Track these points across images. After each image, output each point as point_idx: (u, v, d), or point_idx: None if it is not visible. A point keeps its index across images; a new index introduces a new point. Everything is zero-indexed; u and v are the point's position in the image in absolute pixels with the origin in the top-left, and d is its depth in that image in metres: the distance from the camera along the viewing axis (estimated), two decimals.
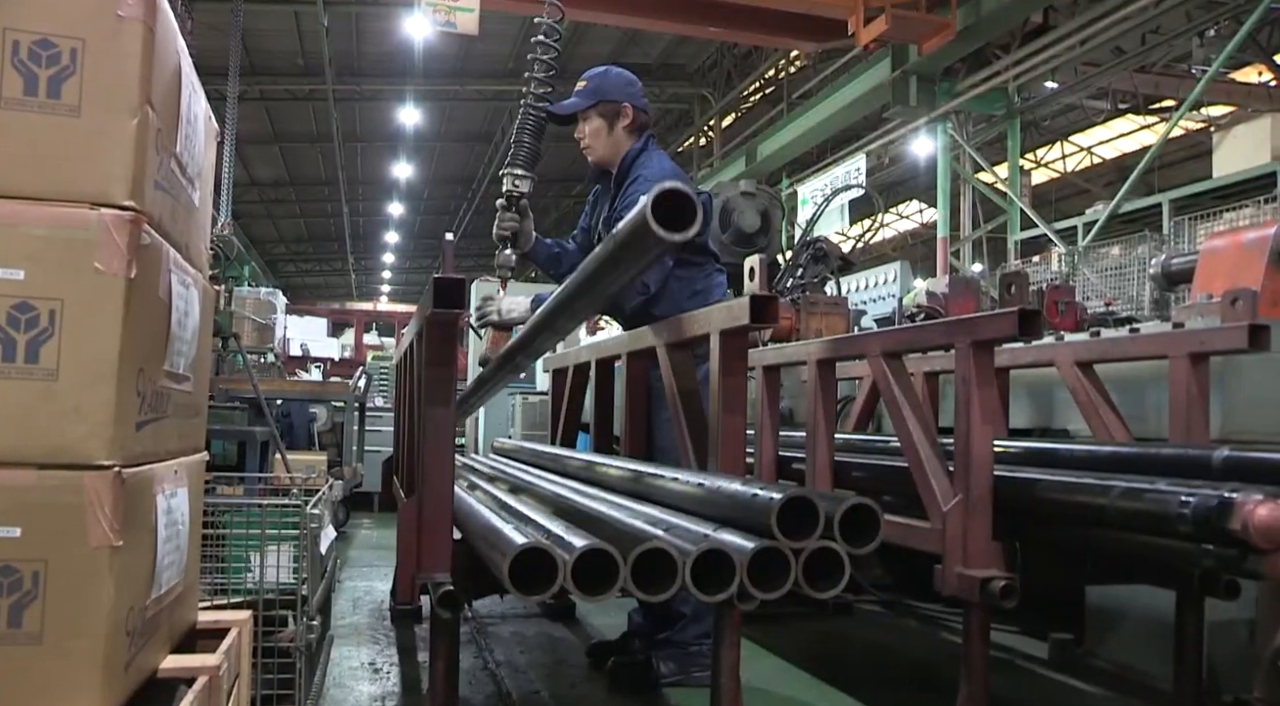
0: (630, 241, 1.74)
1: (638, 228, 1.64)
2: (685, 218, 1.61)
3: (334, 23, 15.05)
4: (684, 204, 1.62)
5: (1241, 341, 2.57)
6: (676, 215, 1.61)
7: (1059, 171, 22.07)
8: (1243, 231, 3.17)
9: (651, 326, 3.04)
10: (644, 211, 1.60)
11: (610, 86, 3.66)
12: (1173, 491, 2.08)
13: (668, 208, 1.61)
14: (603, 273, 2.01)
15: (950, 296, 4.29)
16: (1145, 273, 5.41)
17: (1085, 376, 3.07)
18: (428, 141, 21.68)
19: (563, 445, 4.36)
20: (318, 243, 32.94)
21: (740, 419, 2.46)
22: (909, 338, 2.80)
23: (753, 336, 5.67)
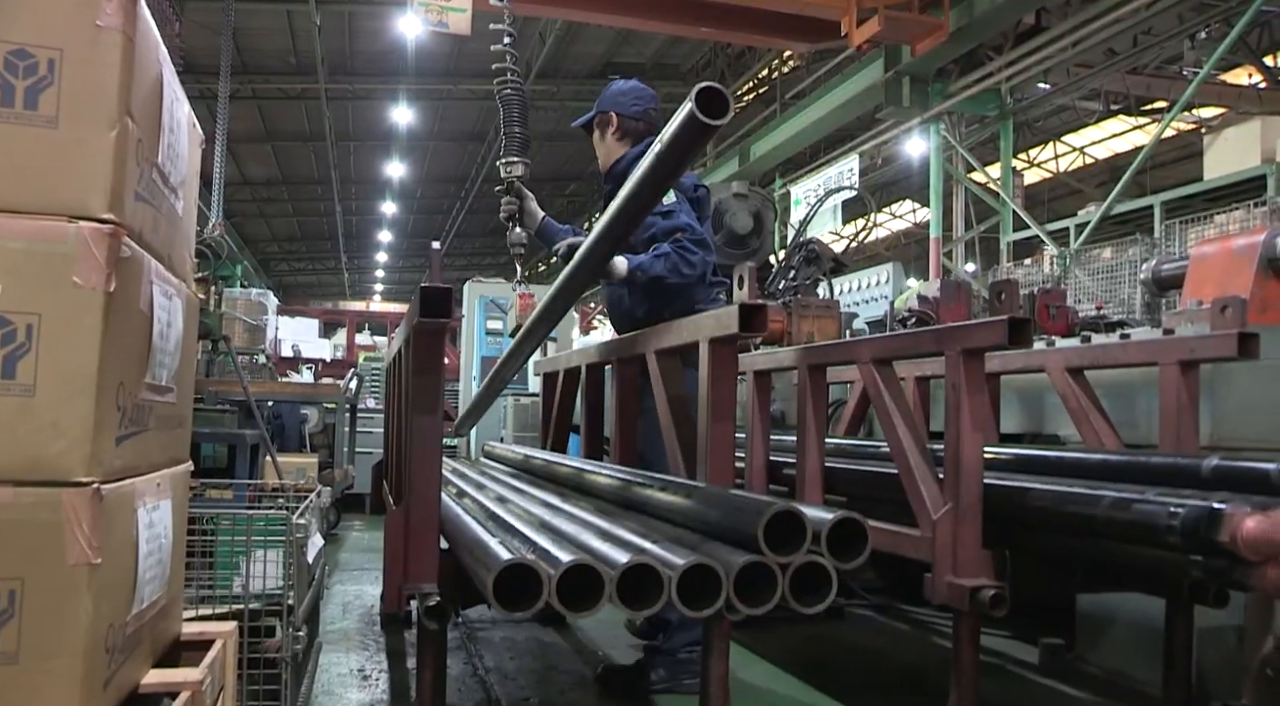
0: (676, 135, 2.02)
1: (684, 120, 1.94)
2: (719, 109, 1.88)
3: (326, 21, 15.02)
4: (719, 98, 1.89)
5: (1231, 349, 2.56)
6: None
7: (1051, 171, 22.11)
8: (1232, 238, 3.17)
9: (641, 333, 3.03)
10: (690, 107, 1.88)
11: (603, 99, 3.88)
12: (1162, 502, 2.07)
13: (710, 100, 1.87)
14: (653, 171, 2.27)
15: (941, 300, 4.28)
16: (1136, 276, 5.41)
17: (1076, 382, 3.07)
18: (420, 140, 21.64)
19: (553, 449, 4.35)
20: (310, 241, 32.87)
21: (729, 426, 2.45)
22: (899, 345, 2.80)
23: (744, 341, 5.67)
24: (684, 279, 3.38)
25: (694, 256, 3.38)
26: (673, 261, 3.36)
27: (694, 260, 3.38)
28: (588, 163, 23.89)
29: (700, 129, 1.90)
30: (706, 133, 1.94)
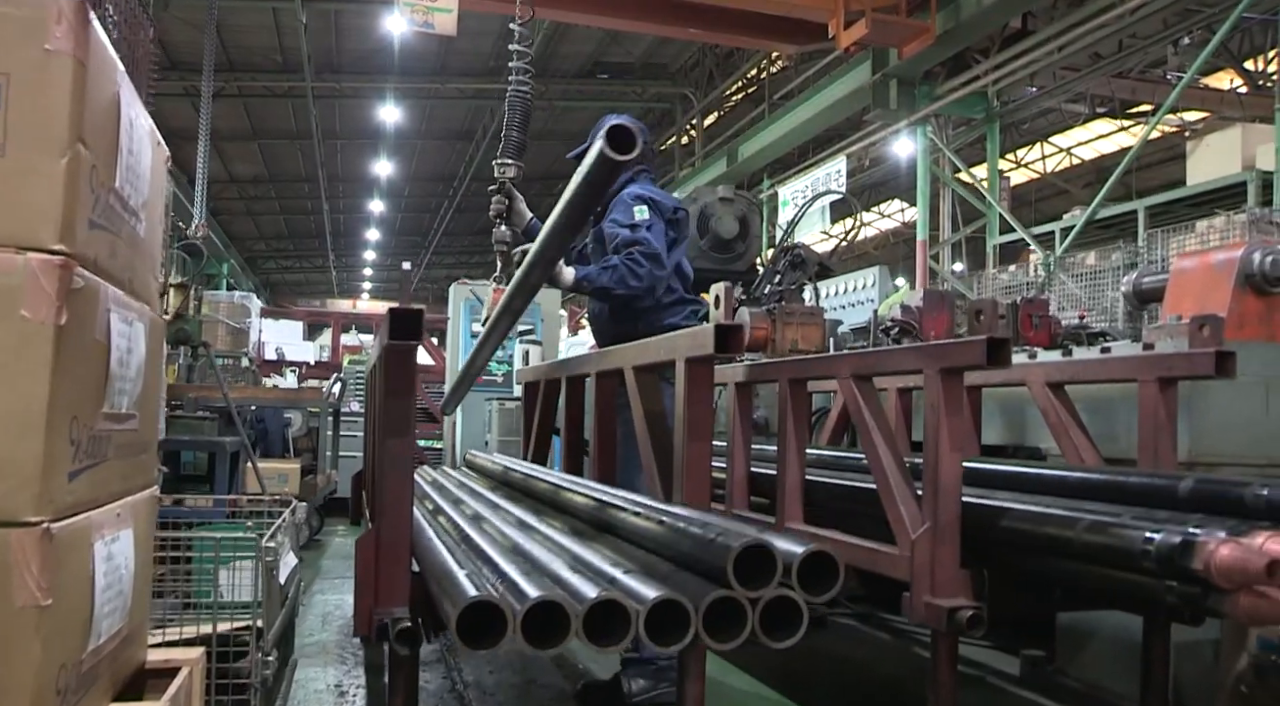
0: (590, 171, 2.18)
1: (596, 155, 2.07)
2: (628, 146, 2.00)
3: (312, 19, 14.94)
4: (628, 136, 2.00)
5: (1209, 368, 2.55)
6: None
7: (1039, 172, 22.17)
8: (1211, 253, 3.17)
9: (620, 348, 3.01)
10: (601, 141, 2.00)
11: (596, 132, 3.91)
12: (1138, 526, 2.06)
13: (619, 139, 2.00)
14: (575, 198, 2.42)
15: (924, 310, 4.26)
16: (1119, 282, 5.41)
17: (1056, 397, 3.05)
18: (408, 139, 21.55)
19: (534, 459, 4.32)
20: (298, 240, 32.73)
21: (705, 446, 2.43)
22: (879, 361, 2.78)
23: None
24: (630, 290, 3.50)
25: (641, 269, 3.49)
26: (619, 273, 3.51)
27: (640, 273, 3.49)
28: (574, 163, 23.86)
29: (611, 165, 2.06)
30: (617, 168, 2.11)
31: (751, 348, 5.43)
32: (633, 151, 2.00)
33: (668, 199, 3.82)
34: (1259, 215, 4.60)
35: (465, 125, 20.83)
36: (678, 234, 3.79)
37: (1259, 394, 3.04)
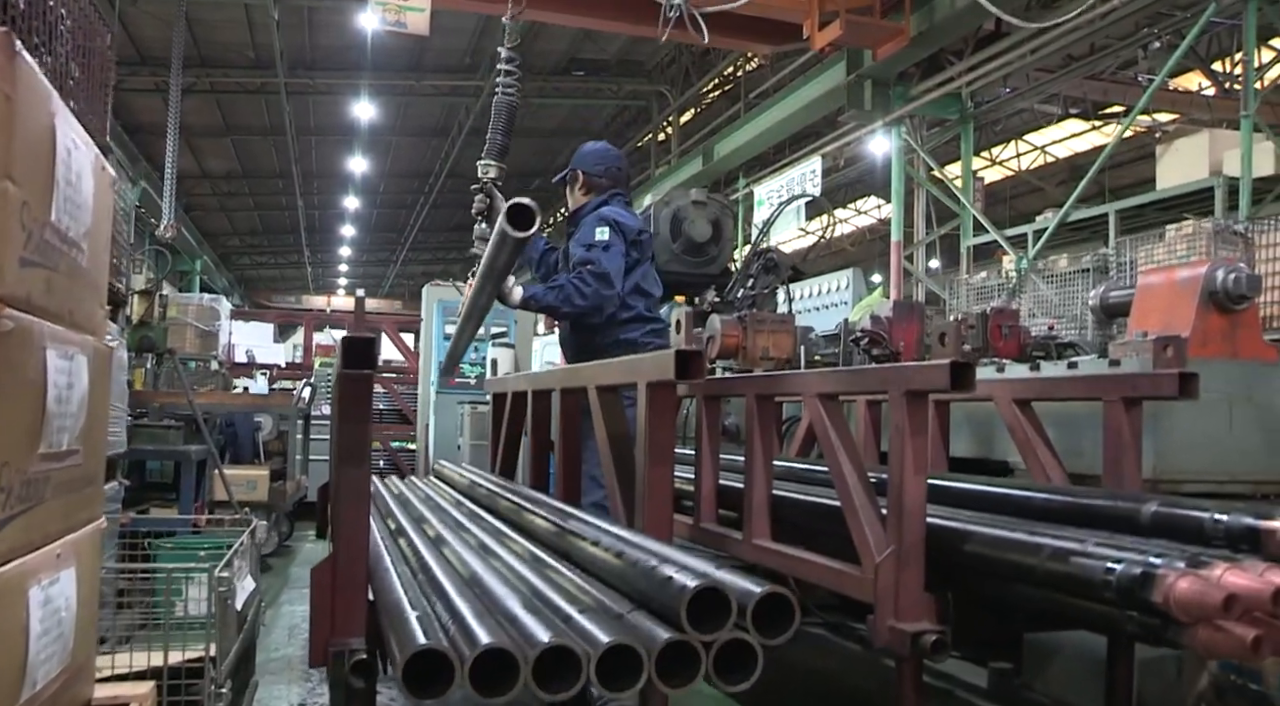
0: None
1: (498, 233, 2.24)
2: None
3: (285, 15, 14.79)
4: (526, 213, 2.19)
5: (1172, 389, 2.55)
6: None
7: (1013, 170, 22.29)
8: (1176, 269, 3.17)
9: (584, 366, 2.98)
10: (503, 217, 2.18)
11: (574, 159, 4.41)
12: (1100, 556, 2.05)
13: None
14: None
15: (894, 320, 4.25)
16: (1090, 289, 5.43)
17: (1023, 414, 3.05)
18: (383, 136, 21.40)
19: (502, 471, 4.29)
20: (272, 235, 32.47)
21: (667, 471, 2.41)
22: (845, 381, 2.76)
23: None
24: (576, 309, 3.72)
25: (587, 289, 3.67)
26: (565, 293, 3.72)
27: (586, 292, 3.68)
28: (552, 158, 23.76)
29: (514, 241, 2.29)
30: (520, 243, 2.32)
31: (723, 355, 5.41)
32: (531, 228, 2.25)
33: (633, 221, 4.01)
34: (1223, 226, 4.62)
35: (441, 122, 20.71)
36: (640, 255, 3.93)
37: (1222, 411, 3.04)
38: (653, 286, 4.04)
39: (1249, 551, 2.03)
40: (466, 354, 9.26)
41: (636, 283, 3.91)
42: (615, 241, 3.78)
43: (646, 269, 4.00)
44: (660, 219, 7.28)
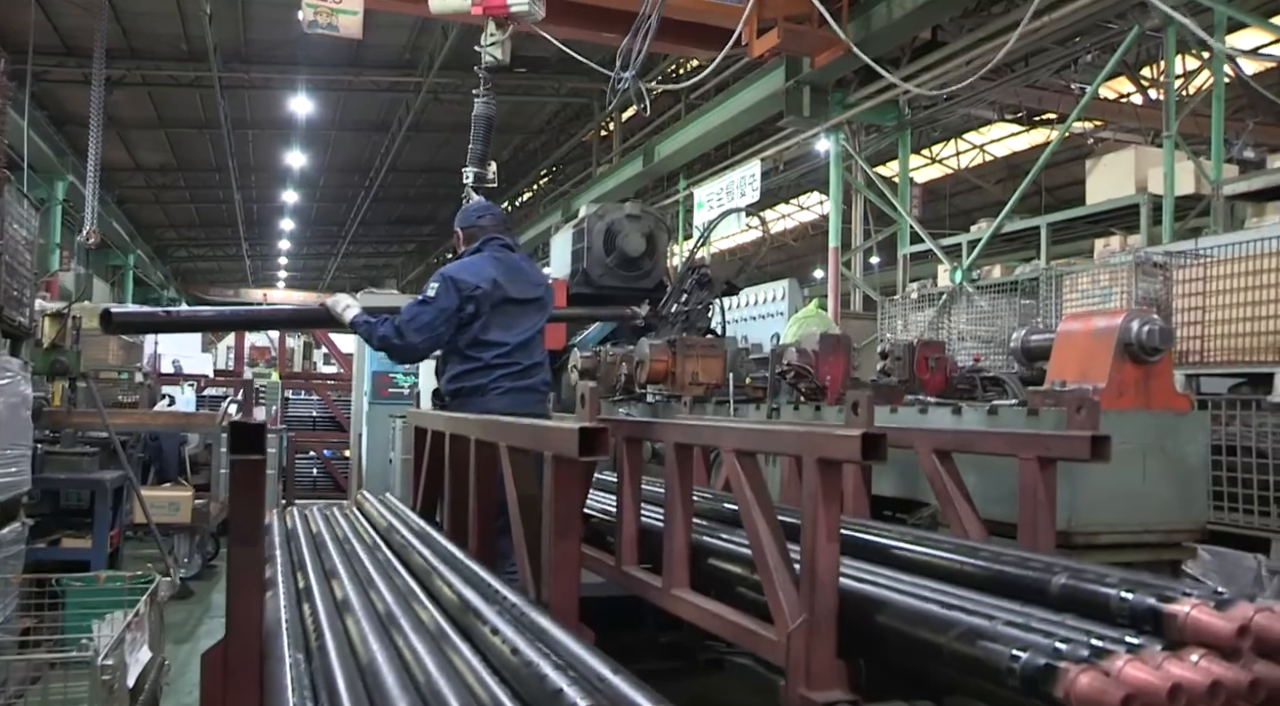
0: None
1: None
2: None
3: (218, 8, 14.43)
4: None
5: (1084, 452, 2.56)
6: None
7: (953, 168, 22.56)
8: (1094, 318, 3.18)
9: (498, 422, 2.91)
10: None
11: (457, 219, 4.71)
12: (1007, 639, 2.04)
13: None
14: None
15: (820, 354, 4.23)
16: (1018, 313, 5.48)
17: (943, 465, 3.04)
18: (322, 130, 21.04)
19: (423, 510, 4.21)
20: (210, 228, 31.84)
21: (573, 546, 2.35)
22: (760, 440, 2.72)
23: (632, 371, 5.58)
24: (374, 347, 4.34)
25: (379, 331, 4.19)
26: (367, 330, 4.24)
27: (376, 335, 4.21)
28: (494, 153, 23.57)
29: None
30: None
31: (652, 380, 5.38)
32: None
33: (476, 277, 4.20)
34: (1144, 258, 4.67)
35: (381, 116, 20.40)
36: (478, 309, 4.19)
37: (1137, 462, 3.07)
38: (502, 335, 4.23)
39: (1152, 633, 2.03)
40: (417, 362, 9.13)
41: (476, 335, 4.19)
42: (442, 296, 4.11)
43: (486, 321, 4.21)
44: (594, 232, 7.23)
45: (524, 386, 4.27)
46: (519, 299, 4.29)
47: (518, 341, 4.27)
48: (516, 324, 4.28)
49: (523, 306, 4.31)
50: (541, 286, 4.46)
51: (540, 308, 4.41)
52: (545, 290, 4.47)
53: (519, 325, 4.29)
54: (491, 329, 4.21)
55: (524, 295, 4.32)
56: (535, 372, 4.33)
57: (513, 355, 4.25)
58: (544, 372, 4.41)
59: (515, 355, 4.26)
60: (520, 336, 4.29)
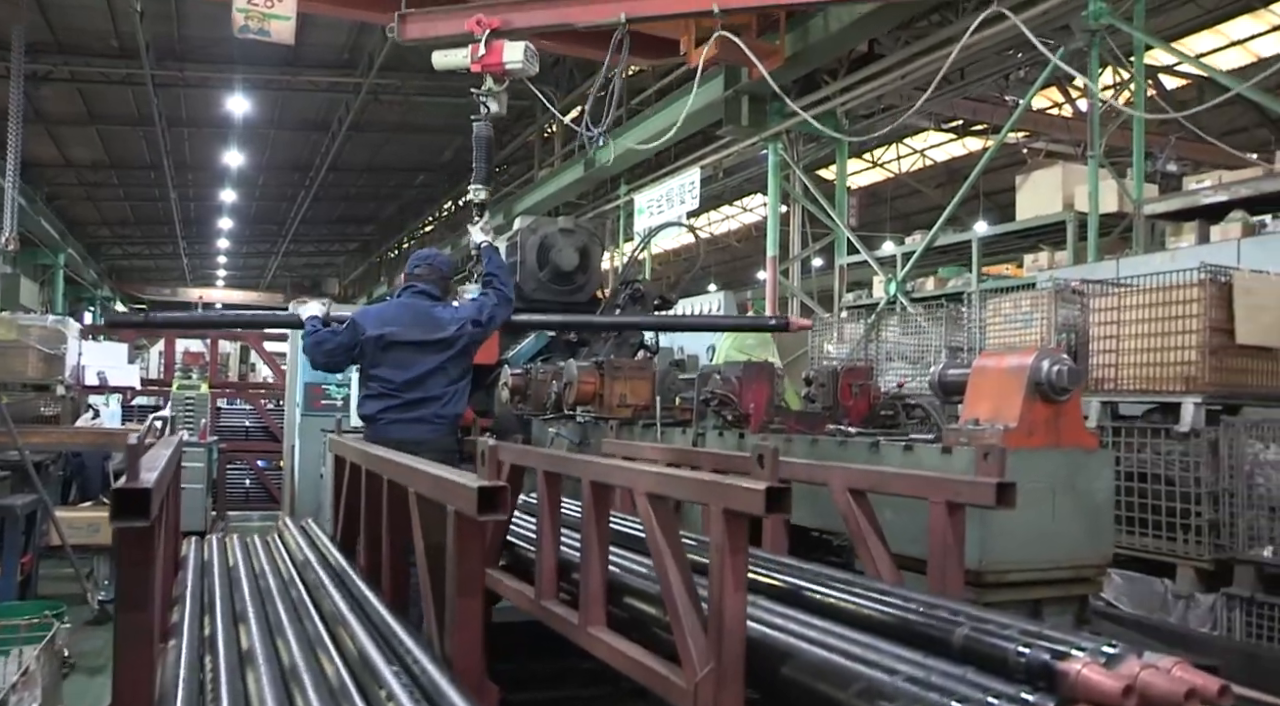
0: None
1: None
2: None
3: (151, 5, 14.11)
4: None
5: (990, 498, 2.58)
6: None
7: (893, 172, 22.84)
8: (1007, 356, 3.22)
9: (407, 465, 2.87)
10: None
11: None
12: (905, 698, 2.06)
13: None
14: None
15: (743, 381, 4.23)
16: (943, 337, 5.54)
17: (857, 504, 3.05)
18: (260, 129, 20.69)
19: (343, 542, 4.16)
20: (146, 226, 31.17)
21: (475, 603, 2.33)
22: (671, 485, 2.71)
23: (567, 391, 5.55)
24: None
25: (310, 338, 4.98)
26: (308, 335, 5.01)
27: (307, 342, 5.00)
28: (436, 154, 23.33)
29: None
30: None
31: (580, 401, 5.35)
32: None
33: (372, 325, 4.82)
34: (1062, 285, 4.75)
35: (321, 116, 20.11)
36: (362, 350, 4.84)
37: (1046, 500, 3.11)
38: (390, 373, 4.80)
39: (1046, 690, 2.05)
40: (335, 374, 9.02)
41: (368, 369, 4.86)
42: (345, 332, 4.86)
43: (375, 361, 4.82)
44: (527, 246, 7.16)
45: (411, 418, 4.75)
46: (416, 341, 4.80)
47: (404, 379, 4.77)
48: (410, 364, 4.78)
49: (419, 347, 4.80)
50: (450, 329, 4.86)
51: (442, 348, 4.83)
52: (455, 331, 4.86)
53: (412, 365, 4.78)
54: (382, 366, 4.80)
55: (423, 338, 4.81)
56: (424, 406, 4.77)
57: (400, 391, 4.77)
58: (439, 406, 4.81)
59: (402, 391, 4.77)
60: (409, 374, 4.78)
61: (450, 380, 4.84)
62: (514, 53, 6.03)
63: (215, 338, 11.52)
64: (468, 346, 4.93)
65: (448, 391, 4.83)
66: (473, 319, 4.93)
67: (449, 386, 4.84)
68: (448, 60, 6.29)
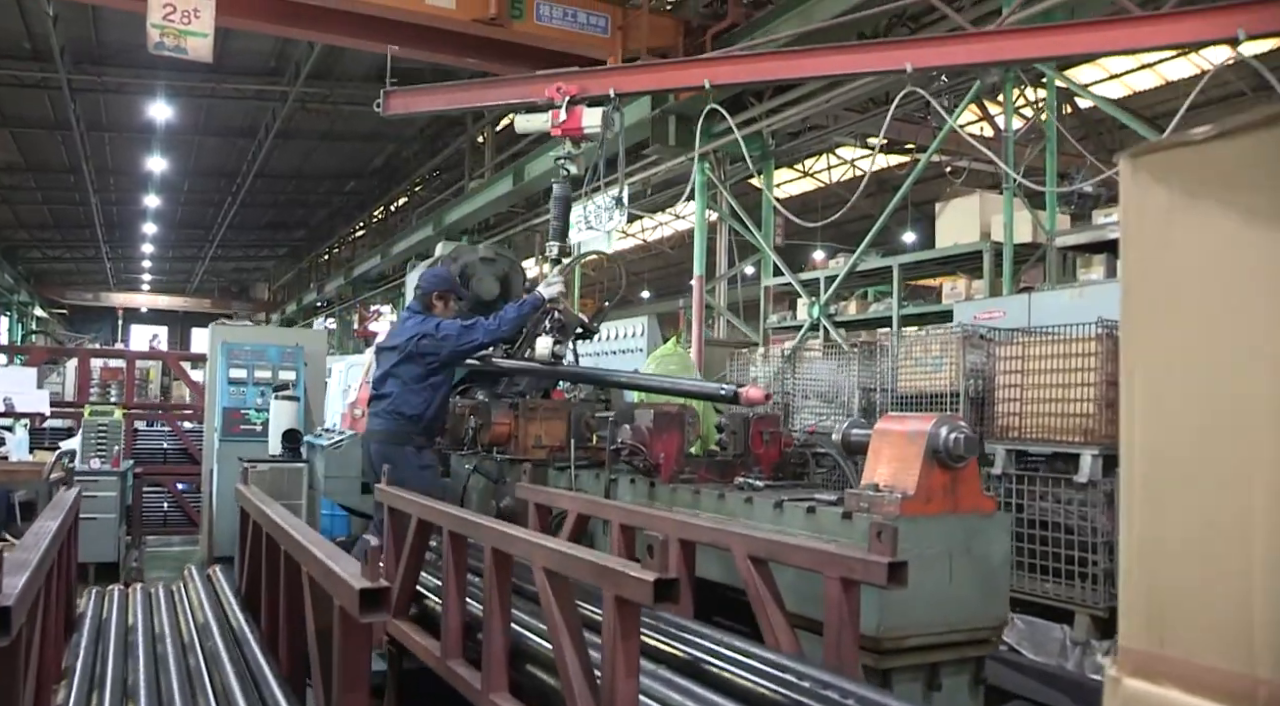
0: None
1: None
2: None
3: (64, 9, 13.71)
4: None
5: (882, 578, 2.61)
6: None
7: (824, 182, 23.06)
8: (907, 420, 3.26)
9: (294, 538, 2.81)
10: None
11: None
12: None
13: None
14: None
15: (654, 431, 4.23)
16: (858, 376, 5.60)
17: (757, 571, 3.07)
18: (185, 135, 20.19)
19: (247, 595, 4.08)
20: (66, 230, 30.29)
21: (361, 696, 2.29)
22: (567, 564, 2.70)
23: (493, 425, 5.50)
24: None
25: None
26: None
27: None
28: (366, 161, 23.02)
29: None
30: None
31: (495, 442, 5.32)
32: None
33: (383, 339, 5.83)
34: (970, 331, 4.83)
35: (248, 122, 19.70)
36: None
37: (943, 565, 3.15)
38: (373, 374, 5.82)
39: None
40: (252, 397, 8.83)
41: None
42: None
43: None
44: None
45: (373, 412, 5.60)
46: (388, 347, 5.67)
47: (374, 377, 5.75)
48: (381, 365, 5.64)
49: (389, 352, 5.60)
50: (403, 338, 5.53)
51: (394, 353, 5.52)
52: (405, 340, 5.49)
53: (381, 366, 5.62)
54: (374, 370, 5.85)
55: (391, 344, 5.65)
56: (379, 402, 5.53)
57: (373, 389, 5.69)
58: (389, 402, 5.46)
59: (374, 388, 5.67)
60: (376, 374, 5.71)
61: (402, 382, 5.44)
62: (592, 118, 6.03)
63: (132, 357, 11.22)
64: (413, 354, 5.43)
65: (397, 391, 5.45)
66: (424, 333, 5.45)
67: (401, 387, 5.44)
68: (530, 124, 6.47)
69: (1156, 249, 0.94)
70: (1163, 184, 0.91)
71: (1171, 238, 0.92)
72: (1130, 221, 0.98)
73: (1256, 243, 0.85)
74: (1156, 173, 0.92)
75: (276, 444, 7.72)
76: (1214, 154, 0.88)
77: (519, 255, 20.48)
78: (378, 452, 5.38)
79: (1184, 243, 0.91)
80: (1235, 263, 0.87)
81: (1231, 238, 0.88)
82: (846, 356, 5.58)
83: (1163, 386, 0.93)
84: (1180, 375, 0.92)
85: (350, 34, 10.04)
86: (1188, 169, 0.89)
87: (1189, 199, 0.89)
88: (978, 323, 6.61)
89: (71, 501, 3.87)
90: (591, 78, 6.27)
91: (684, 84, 6.16)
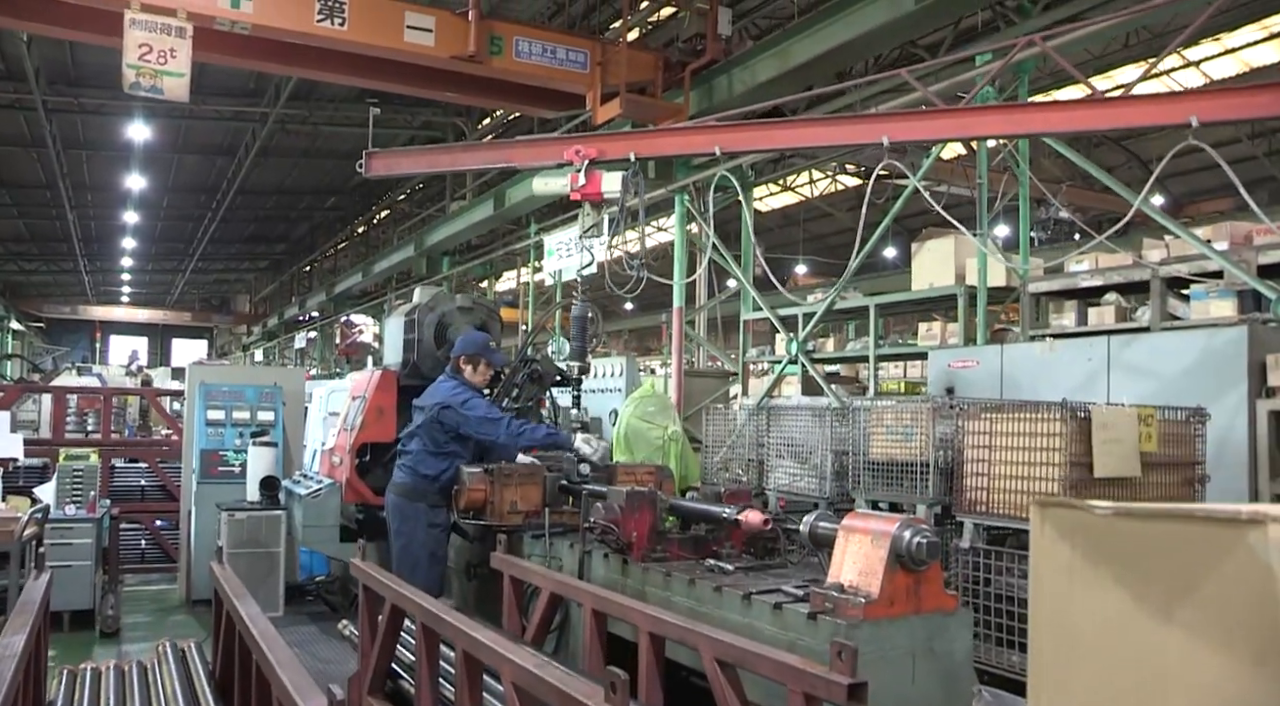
0: None
1: None
2: None
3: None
4: None
5: (841, 697, 2.64)
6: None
7: (806, 195, 23.20)
8: (873, 520, 3.30)
9: (267, 655, 2.83)
10: None
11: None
12: None
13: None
14: None
15: (626, 510, 4.25)
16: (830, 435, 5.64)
17: (724, 674, 3.09)
18: (163, 153, 20.14)
19: (221, 677, 4.07)
20: (43, 243, 30.15)
21: None
22: (534, 684, 2.72)
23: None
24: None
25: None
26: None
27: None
28: (346, 179, 22.98)
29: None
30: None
31: (470, 508, 5.33)
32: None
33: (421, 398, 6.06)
34: (940, 403, 4.88)
35: (227, 141, 19.68)
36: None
37: (906, 665, 3.19)
38: (404, 440, 6.02)
39: None
40: (230, 439, 8.80)
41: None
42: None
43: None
44: (424, 324, 7.09)
45: (399, 464, 5.89)
46: (419, 406, 5.95)
47: (404, 431, 6.09)
48: (413, 419, 5.95)
49: (419, 411, 5.90)
50: (432, 401, 5.82)
51: (423, 413, 5.83)
52: (432, 406, 5.78)
53: (413, 420, 5.94)
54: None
55: (421, 404, 5.93)
56: (405, 457, 5.84)
57: (402, 442, 6.01)
58: (412, 459, 5.78)
59: (403, 442, 5.99)
60: (408, 428, 6.01)
61: (423, 444, 5.76)
62: (612, 183, 5.97)
63: (109, 393, 11.18)
64: (436, 421, 5.72)
65: (418, 450, 5.77)
66: (449, 405, 5.72)
67: (420, 448, 5.75)
68: (549, 188, 6.48)
69: (1059, 600, 0.98)
70: (1066, 541, 0.95)
71: (1072, 594, 0.95)
72: (1039, 565, 1.02)
73: (1144, 629, 0.89)
74: (1062, 529, 0.96)
75: (255, 490, 7.72)
76: (1114, 529, 0.91)
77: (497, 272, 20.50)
78: (394, 505, 5.79)
79: (1082, 604, 0.95)
80: (1121, 642, 0.91)
81: (1120, 616, 0.91)
82: (821, 415, 5.61)
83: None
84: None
85: (329, 70, 10.04)
86: (1090, 535, 0.93)
87: (1089, 565, 0.93)
88: (952, 370, 6.70)
89: (41, 594, 3.86)
90: (609, 141, 6.10)
91: (701, 149, 6.06)
